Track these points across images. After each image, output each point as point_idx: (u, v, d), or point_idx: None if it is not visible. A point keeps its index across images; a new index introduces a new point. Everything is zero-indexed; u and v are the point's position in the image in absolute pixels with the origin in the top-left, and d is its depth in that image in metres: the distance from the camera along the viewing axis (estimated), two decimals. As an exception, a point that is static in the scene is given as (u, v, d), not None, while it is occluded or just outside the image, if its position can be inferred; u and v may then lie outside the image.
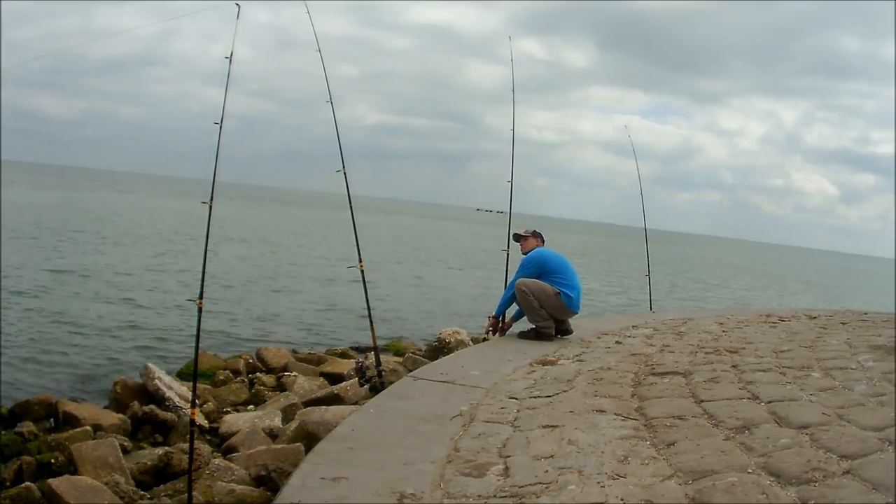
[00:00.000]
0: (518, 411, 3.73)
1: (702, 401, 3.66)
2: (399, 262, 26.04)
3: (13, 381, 7.49)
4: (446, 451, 3.08)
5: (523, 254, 6.18)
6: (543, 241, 6.29)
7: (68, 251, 18.77)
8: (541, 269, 5.97)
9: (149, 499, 4.59)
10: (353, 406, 5.78)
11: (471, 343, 8.61)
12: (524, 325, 6.08)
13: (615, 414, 3.54)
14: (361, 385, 5.63)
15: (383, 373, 5.73)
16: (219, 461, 4.83)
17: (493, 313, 6.09)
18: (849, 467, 2.61)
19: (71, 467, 4.89)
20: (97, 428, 5.72)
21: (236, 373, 7.99)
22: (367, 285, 5.78)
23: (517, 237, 6.30)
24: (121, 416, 6.11)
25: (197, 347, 4.33)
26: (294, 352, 9.53)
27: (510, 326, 6.13)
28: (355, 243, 5.83)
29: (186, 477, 4.19)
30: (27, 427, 5.79)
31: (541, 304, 5.80)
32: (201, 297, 4.31)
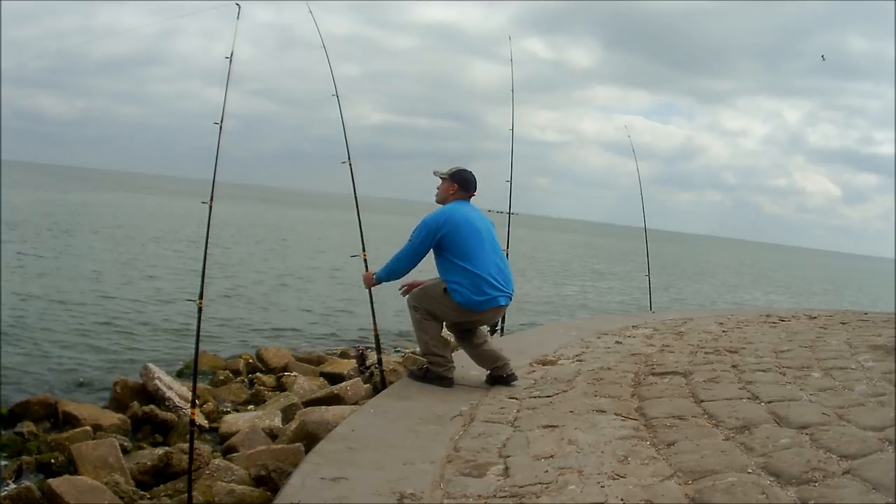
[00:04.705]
0: (518, 411, 3.73)
1: (702, 401, 3.66)
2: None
3: (13, 381, 7.49)
4: (446, 451, 3.08)
5: (438, 203, 4.46)
6: (469, 192, 4.40)
7: (67, 251, 18.76)
8: (439, 236, 4.14)
9: (149, 499, 4.59)
10: (353, 406, 5.78)
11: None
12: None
13: (615, 414, 3.54)
14: (361, 373, 5.45)
15: (384, 371, 5.73)
16: (219, 461, 4.83)
17: (375, 276, 4.48)
18: (849, 467, 2.61)
19: (71, 467, 4.89)
20: (97, 428, 5.72)
21: (236, 373, 7.99)
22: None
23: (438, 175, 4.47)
24: (121, 416, 6.11)
25: (197, 347, 4.33)
26: (294, 351, 9.52)
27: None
28: (360, 234, 5.60)
29: (186, 477, 4.18)
30: (27, 427, 5.79)
31: (437, 317, 4.27)
32: (201, 296, 4.30)
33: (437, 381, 4.28)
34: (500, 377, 4.35)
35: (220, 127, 4.45)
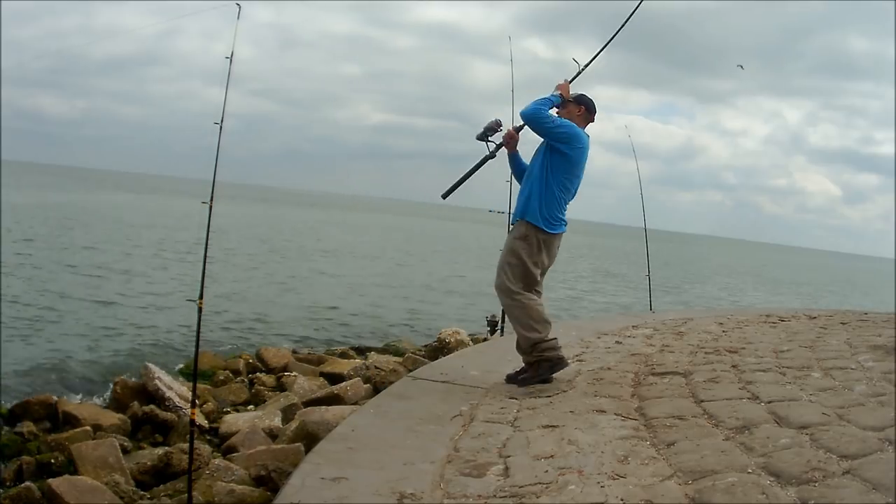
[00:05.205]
0: (518, 411, 3.73)
1: (702, 401, 3.66)
2: (401, 262, 26.05)
3: (13, 381, 7.50)
4: (446, 451, 3.08)
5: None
6: (592, 115, 4.45)
7: (68, 251, 18.77)
8: (567, 148, 4.19)
9: (149, 499, 4.59)
10: (353, 406, 5.78)
11: (471, 343, 8.61)
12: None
13: (615, 414, 3.54)
14: (478, 138, 4.72)
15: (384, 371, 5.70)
16: (219, 461, 4.84)
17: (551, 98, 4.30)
18: (849, 467, 2.61)
19: (71, 467, 4.89)
20: (97, 428, 5.72)
21: (236, 373, 8.00)
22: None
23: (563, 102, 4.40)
24: (121, 416, 6.12)
25: (197, 347, 4.33)
26: (294, 352, 9.53)
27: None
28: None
29: (186, 477, 4.18)
30: (27, 427, 5.79)
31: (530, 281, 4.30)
32: (201, 297, 4.30)
33: (558, 368, 4.24)
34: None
35: (221, 127, 4.45)
